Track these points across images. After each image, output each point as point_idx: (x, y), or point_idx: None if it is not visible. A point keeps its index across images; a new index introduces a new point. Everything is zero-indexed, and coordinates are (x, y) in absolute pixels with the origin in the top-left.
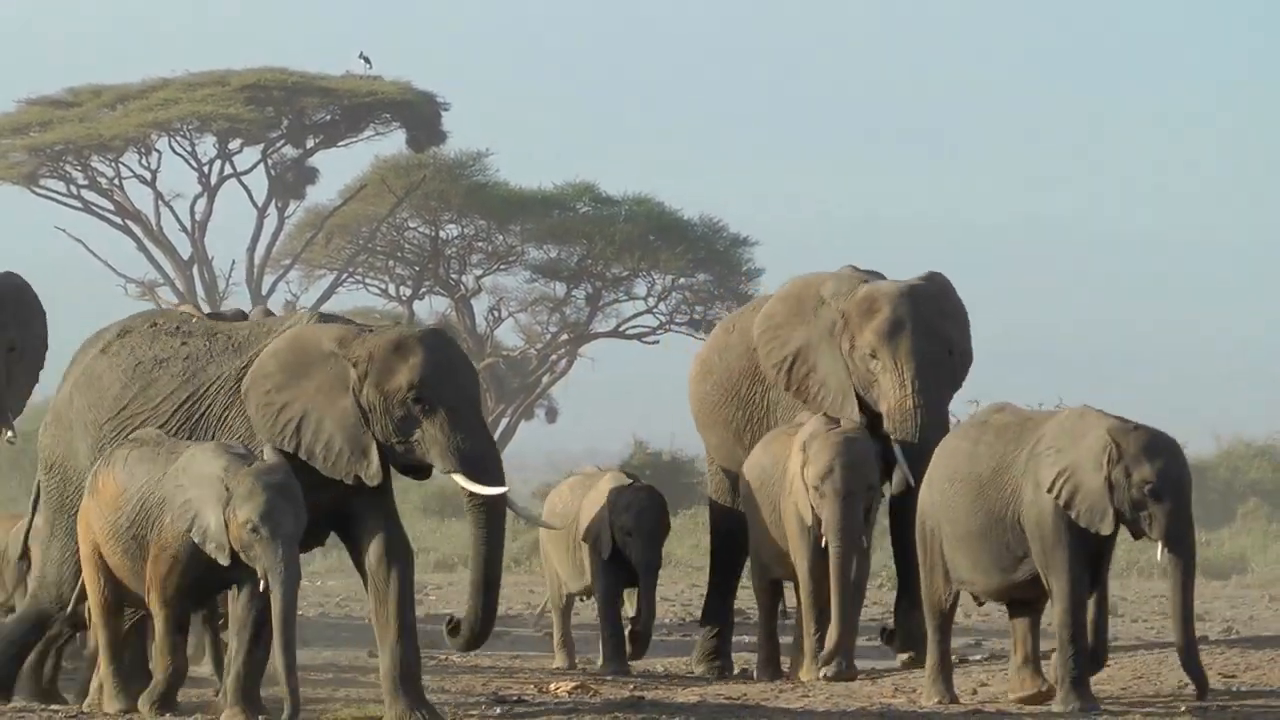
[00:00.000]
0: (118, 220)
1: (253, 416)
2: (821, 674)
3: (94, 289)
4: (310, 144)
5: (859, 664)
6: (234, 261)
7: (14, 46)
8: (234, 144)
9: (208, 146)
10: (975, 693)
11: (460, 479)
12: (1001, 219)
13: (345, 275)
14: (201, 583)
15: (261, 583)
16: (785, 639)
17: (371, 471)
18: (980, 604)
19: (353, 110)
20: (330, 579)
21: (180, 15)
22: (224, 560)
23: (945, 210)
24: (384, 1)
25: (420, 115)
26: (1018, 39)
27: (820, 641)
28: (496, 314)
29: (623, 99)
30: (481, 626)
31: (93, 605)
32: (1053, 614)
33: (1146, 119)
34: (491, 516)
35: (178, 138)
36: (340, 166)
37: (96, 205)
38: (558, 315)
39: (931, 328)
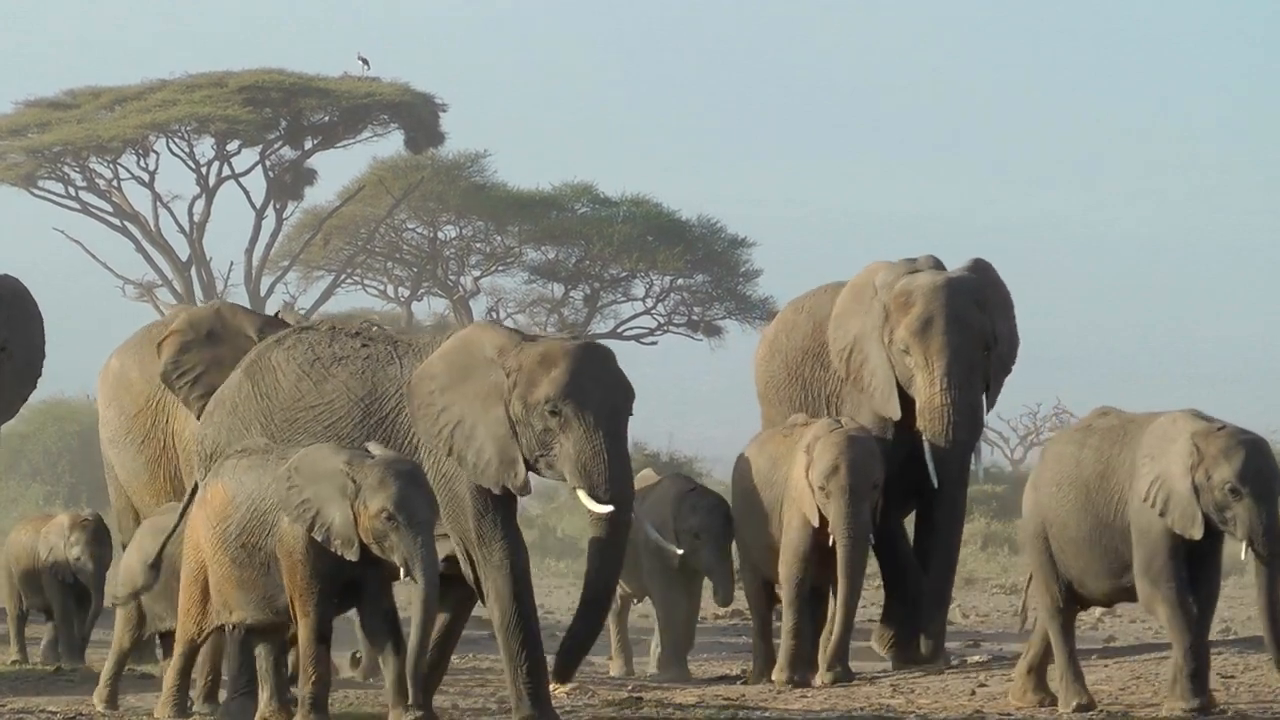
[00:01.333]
0: (116, 222)
1: (413, 413)
2: (819, 680)
3: (92, 290)
4: (308, 145)
5: (858, 665)
6: (232, 263)
7: (12, 48)
8: (232, 145)
9: (206, 148)
10: (973, 694)
11: (582, 495)
12: (1001, 220)
13: (343, 276)
14: (335, 584)
15: (401, 570)
16: (778, 641)
17: (519, 483)
18: (1084, 608)
19: (351, 112)
20: None
21: (178, 17)
22: (352, 556)
23: (946, 210)
24: (382, 3)
25: (418, 116)
26: (1019, 39)
27: (812, 644)
28: (495, 315)
29: (621, 100)
30: (580, 644)
31: (181, 614)
32: (1161, 620)
33: (1144, 119)
34: (609, 538)
35: (176, 139)
36: (338, 168)
37: (95, 207)
38: (556, 316)
39: (965, 323)
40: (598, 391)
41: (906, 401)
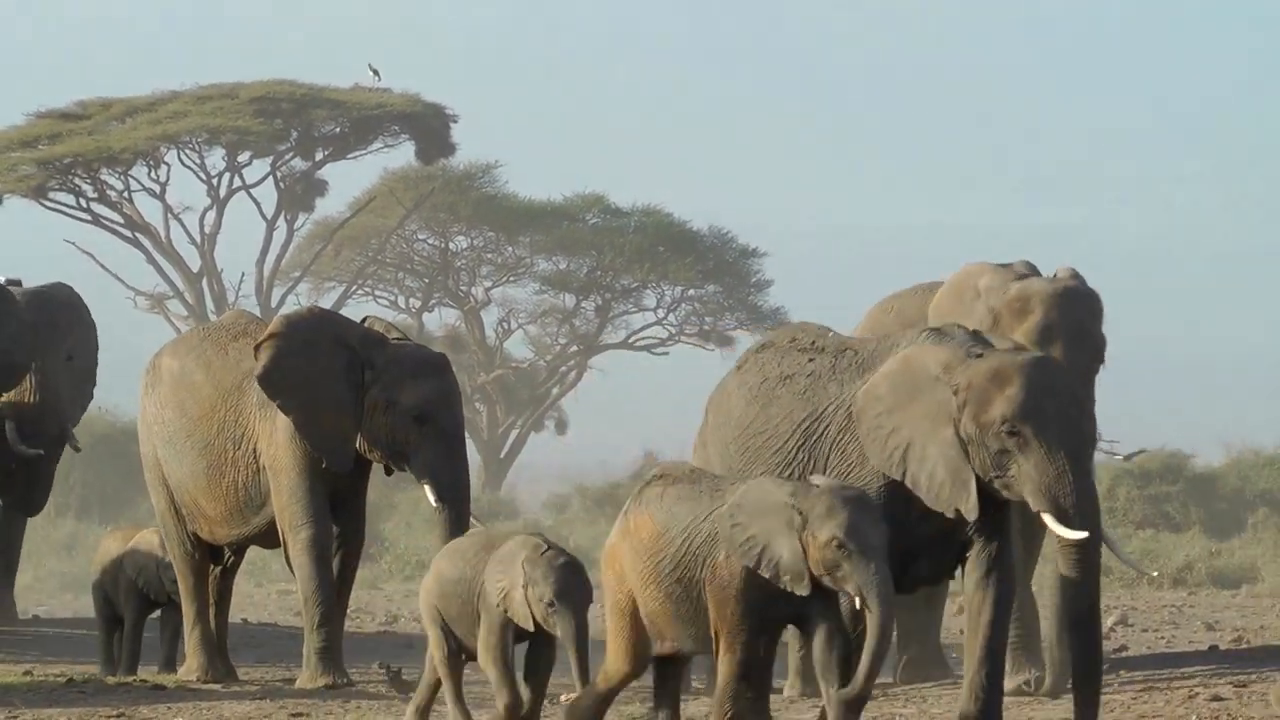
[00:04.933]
0: (127, 233)
1: (863, 438)
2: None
3: (103, 302)
4: (319, 156)
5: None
6: (243, 274)
7: (23, 60)
8: (243, 156)
9: (217, 159)
10: None
11: (1049, 520)
12: (1011, 228)
13: (354, 287)
14: (769, 620)
15: (857, 600)
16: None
17: (970, 505)
18: None
19: (362, 122)
20: None
21: (189, 28)
22: (803, 591)
23: (955, 218)
24: (393, 14)
25: (429, 127)
26: (1024, 45)
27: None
28: (506, 326)
29: (631, 111)
30: (1084, 668)
31: (611, 650)
32: None
33: (1148, 124)
34: (1082, 560)
35: (187, 150)
36: (349, 179)
37: (106, 218)
38: (567, 327)
39: (1084, 333)
40: (1056, 409)
41: None
